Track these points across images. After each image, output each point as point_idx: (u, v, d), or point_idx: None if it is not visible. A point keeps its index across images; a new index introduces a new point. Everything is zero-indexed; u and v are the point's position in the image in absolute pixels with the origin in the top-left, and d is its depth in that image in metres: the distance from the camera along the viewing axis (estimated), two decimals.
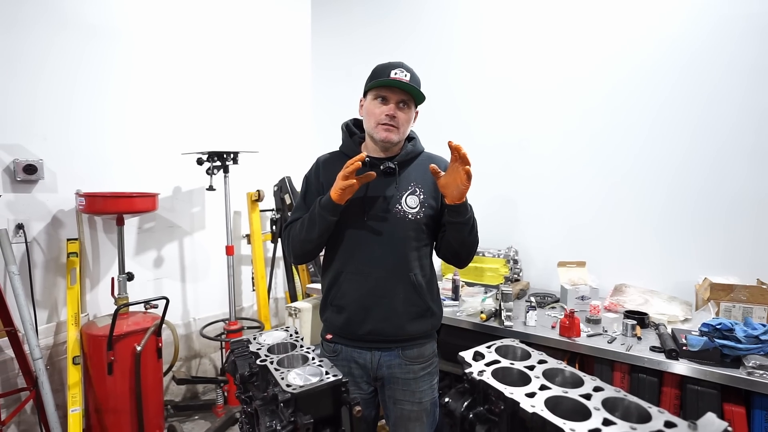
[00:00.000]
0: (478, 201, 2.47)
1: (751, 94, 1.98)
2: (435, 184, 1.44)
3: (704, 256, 2.13)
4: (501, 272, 2.44)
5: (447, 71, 2.87)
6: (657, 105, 2.20)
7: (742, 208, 2.04)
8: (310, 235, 1.38)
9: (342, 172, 1.27)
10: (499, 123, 2.69)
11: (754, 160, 2.00)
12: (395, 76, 1.33)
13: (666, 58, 2.16)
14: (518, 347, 0.91)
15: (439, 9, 2.89)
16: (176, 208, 2.91)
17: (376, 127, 1.38)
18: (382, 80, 1.34)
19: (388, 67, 1.37)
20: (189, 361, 3.03)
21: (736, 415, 1.48)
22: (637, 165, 2.28)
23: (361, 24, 3.29)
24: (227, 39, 3.09)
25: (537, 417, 0.67)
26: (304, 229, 1.40)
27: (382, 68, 1.38)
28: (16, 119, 2.22)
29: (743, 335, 1.49)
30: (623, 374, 1.70)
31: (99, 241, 2.55)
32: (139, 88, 2.66)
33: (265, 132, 3.35)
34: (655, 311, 1.92)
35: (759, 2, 1.96)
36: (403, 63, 1.38)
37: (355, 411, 0.87)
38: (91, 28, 2.44)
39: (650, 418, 0.66)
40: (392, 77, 1.33)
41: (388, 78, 1.33)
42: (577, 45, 2.41)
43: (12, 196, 2.21)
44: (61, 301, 2.39)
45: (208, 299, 3.10)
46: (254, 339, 1.11)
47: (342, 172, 1.27)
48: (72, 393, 2.14)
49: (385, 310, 1.39)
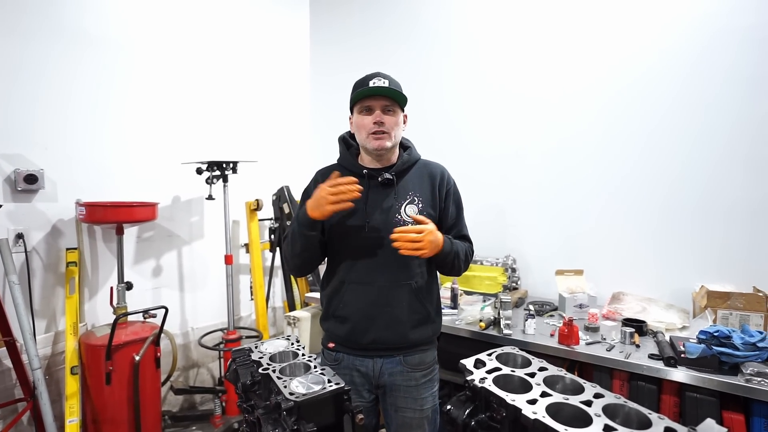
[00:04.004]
0: (475, 210, 2.50)
1: (748, 104, 2.01)
2: (433, 193, 1.47)
3: (701, 263, 2.14)
4: (499, 281, 2.45)
5: (443, 80, 2.90)
6: (655, 115, 2.23)
7: (738, 216, 2.06)
8: (294, 250, 1.41)
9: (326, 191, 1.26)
10: (497, 132, 2.72)
11: (749, 169, 2.03)
12: (374, 84, 1.37)
13: (664, 69, 2.19)
14: (519, 355, 0.92)
15: (436, 17, 2.93)
16: (175, 218, 2.91)
17: (367, 138, 1.40)
18: (362, 90, 1.38)
19: (366, 79, 1.41)
20: (187, 371, 3.01)
21: (735, 422, 1.48)
22: (634, 174, 2.30)
23: (359, 33, 3.33)
24: (226, 49, 3.12)
25: (539, 423, 0.67)
26: (289, 244, 1.44)
27: (361, 81, 1.43)
28: (17, 129, 2.23)
29: (741, 342, 1.50)
30: (622, 382, 1.70)
31: (98, 251, 2.55)
32: (139, 97, 2.68)
33: (264, 141, 3.37)
34: (653, 319, 1.93)
35: (756, 14, 2.00)
36: (380, 72, 1.43)
37: (358, 419, 0.88)
38: (89, 37, 2.45)
39: (650, 425, 0.67)
40: (371, 86, 1.37)
41: (368, 87, 1.37)
42: (574, 56, 2.44)
43: (12, 205, 2.21)
44: (60, 310, 2.38)
45: (207, 308, 3.09)
46: (256, 348, 1.12)
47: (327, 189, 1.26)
48: (70, 403, 2.13)
49: (389, 319, 1.40)
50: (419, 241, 1.28)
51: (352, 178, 1.27)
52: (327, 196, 1.25)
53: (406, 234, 1.28)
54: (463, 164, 2.76)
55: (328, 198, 1.25)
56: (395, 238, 1.28)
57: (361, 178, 1.43)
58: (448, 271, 1.50)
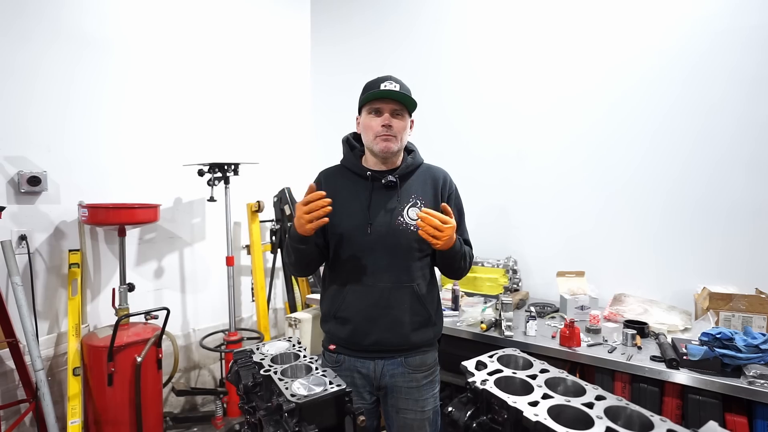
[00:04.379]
0: (476, 212, 2.50)
1: (751, 105, 2.01)
2: (435, 196, 1.47)
3: (703, 265, 2.14)
4: (500, 282, 2.45)
5: (442, 80, 2.90)
6: (658, 117, 2.23)
7: (739, 218, 2.06)
8: (291, 259, 1.44)
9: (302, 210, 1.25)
10: (498, 133, 2.72)
11: (752, 170, 2.03)
12: (385, 87, 1.38)
13: (667, 70, 2.19)
14: (520, 356, 0.92)
15: (435, 18, 2.93)
16: (177, 219, 2.92)
17: (374, 140, 1.40)
18: (373, 92, 1.38)
19: (377, 81, 1.42)
20: (188, 373, 3.02)
21: (738, 425, 1.48)
22: (636, 175, 2.30)
23: (359, 33, 3.33)
24: (227, 50, 3.12)
25: (540, 426, 0.67)
26: (287, 253, 1.46)
27: (372, 83, 1.43)
28: (20, 130, 2.23)
29: (743, 344, 1.50)
30: (624, 384, 1.70)
31: (100, 252, 2.56)
32: (140, 99, 2.69)
33: (265, 142, 3.38)
34: (654, 321, 1.93)
35: (759, 15, 1.99)
36: (391, 75, 1.43)
37: (360, 421, 0.87)
38: (88, 38, 2.46)
39: (653, 427, 0.67)
40: (382, 89, 1.38)
41: (378, 90, 1.38)
42: (576, 57, 2.44)
43: (16, 207, 2.22)
44: (62, 311, 2.39)
45: (208, 310, 3.10)
46: (257, 349, 1.12)
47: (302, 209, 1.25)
48: (72, 405, 2.13)
49: (390, 321, 1.40)
50: (441, 230, 1.26)
51: (320, 193, 1.23)
52: (303, 215, 1.24)
53: (432, 219, 1.26)
54: (463, 165, 2.76)
55: (304, 217, 1.24)
56: (421, 217, 1.26)
57: (365, 179, 1.44)
58: (452, 271, 1.50)
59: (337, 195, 1.44)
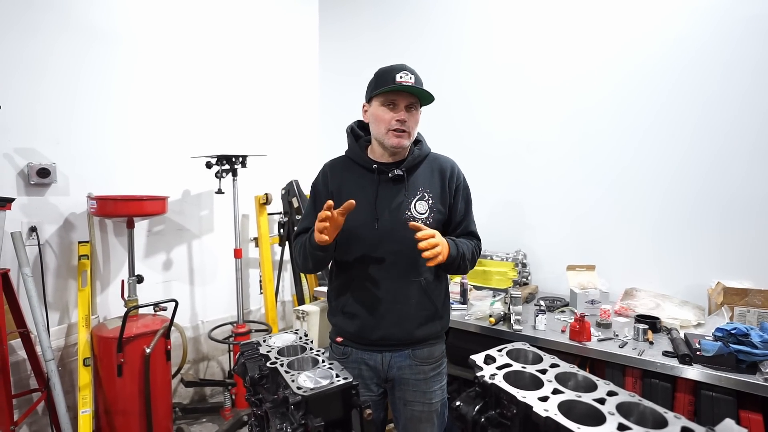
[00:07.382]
0: (486, 205, 2.47)
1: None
2: (443, 188, 1.44)
3: (717, 259, 2.09)
4: (509, 276, 2.42)
5: (455, 74, 2.86)
6: (671, 107, 2.16)
7: (755, 211, 2.00)
8: (306, 264, 1.43)
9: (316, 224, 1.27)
10: (507, 126, 2.68)
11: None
12: (401, 80, 1.32)
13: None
14: (529, 351, 0.90)
15: (447, 11, 2.89)
16: (185, 211, 2.93)
17: (386, 134, 1.36)
18: (390, 86, 1.32)
19: (391, 71, 1.35)
20: (197, 364, 3.04)
21: (753, 422, 1.45)
22: (647, 167, 2.25)
23: (368, 27, 3.30)
24: (235, 44, 3.11)
25: (550, 421, 0.66)
26: (300, 256, 1.44)
27: (386, 72, 1.36)
28: (29, 123, 2.25)
29: (759, 340, 1.46)
30: (635, 379, 1.67)
31: (109, 244, 2.57)
32: (149, 92, 2.69)
33: (273, 135, 3.37)
34: (666, 315, 1.89)
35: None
36: (405, 65, 1.36)
37: (366, 414, 0.87)
38: (97, 31, 2.47)
39: (666, 424, 0.65)
40: (398, 81, 1.32)
41: (395, 83, 1.32)
42: (591, 49, 2.39)
43: (26, 199, 2.24)
44: (72, 303, 2.41)
45: (216, 302, 3.11)
46: (264, 341, 1.11)
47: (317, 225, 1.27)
48: (82, 394, 2.16)
49: (397, 316, 1.39)
50: (438, 244, 1.26)
51: (324, 214, 1.23)
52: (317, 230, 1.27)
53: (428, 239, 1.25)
54: (476, 158, 2.73)
55: (318, 230, 1.26)
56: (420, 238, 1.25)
57: (371, 173, 1.42)
58: (453, 272, 1.48)
59: (343, 188, 1.43)
